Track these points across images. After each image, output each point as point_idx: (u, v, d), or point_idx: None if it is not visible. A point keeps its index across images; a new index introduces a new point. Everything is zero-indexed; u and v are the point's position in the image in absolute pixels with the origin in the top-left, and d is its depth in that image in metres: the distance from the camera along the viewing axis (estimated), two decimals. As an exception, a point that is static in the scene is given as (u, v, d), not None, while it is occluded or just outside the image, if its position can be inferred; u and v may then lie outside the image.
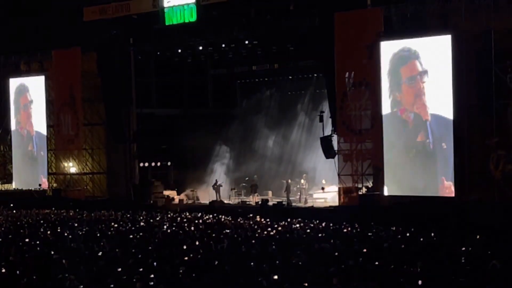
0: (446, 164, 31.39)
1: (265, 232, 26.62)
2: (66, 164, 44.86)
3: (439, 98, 31.58)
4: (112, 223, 30.55)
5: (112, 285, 16.77)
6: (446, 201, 31.06)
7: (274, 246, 22.31)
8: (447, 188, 31.28)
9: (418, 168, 32.52)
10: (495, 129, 30.46)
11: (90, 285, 17.03)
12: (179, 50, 43.42)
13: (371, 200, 33.36)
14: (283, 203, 37.70)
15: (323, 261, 19.09)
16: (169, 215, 34.27)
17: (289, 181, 39.41)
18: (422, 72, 32.17)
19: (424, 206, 30.89)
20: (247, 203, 40.00)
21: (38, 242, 24.24)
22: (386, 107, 33.27)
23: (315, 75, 43.10)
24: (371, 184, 34.28)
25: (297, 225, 29.17)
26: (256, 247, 22.29)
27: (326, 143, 35.38)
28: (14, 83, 47.93)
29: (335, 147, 35.18)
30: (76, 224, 30.57)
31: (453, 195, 31.10)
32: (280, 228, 28.01)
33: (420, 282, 16.24)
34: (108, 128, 43.42)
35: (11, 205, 40.85)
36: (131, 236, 26.11)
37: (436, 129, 31.89)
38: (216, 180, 42.23)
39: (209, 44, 42.25)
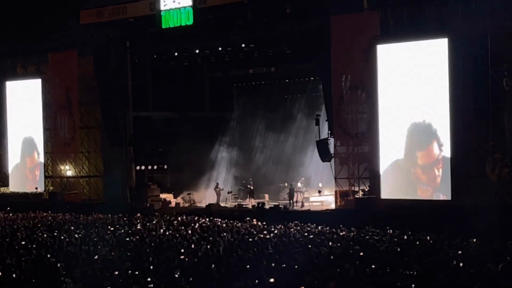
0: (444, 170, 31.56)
1: (262, 236, 26.63)
2: (62, 167, 44.79)
3: (436, 102, 31.66)
4: (109, 226, 30.54)
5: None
6: (442, 204, 31.09)
7: (270, 250, 22.33)
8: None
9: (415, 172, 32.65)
10: (492, 133, 30.50)
11: (87, 288, 17.06)
12: (176, 53, 43.43)
13: (367, 203, 33.38)
14: (280, 206, 37.69)
15: (320, 265, 19.12)
16: (165, 219, 34.24)
17: (292, 184, 39.35)
18: (437, 161, 31.76)
19: (420, 210, 30.91)
20: (244, 206, 39.97)
21: (34, 246, 24.25)
22: (389, 111, 33.20)
23: (312, 78, 43.11)
24: (368, 188, 34.30)
25: (294, 229, 29.16)
26: (253, 250, 22.31)
27: (322, 146, 35.40)
28: (11, 86, 47.82)
29: (332, 150, 35.20)
30: (72, 228, 30.54)
31: (449, 198, 31.19)
32: (276, 232, 28.02)
33: (416, 285, 16.27)
34: (104, 131, 43.34)
35: (8, 208, 40.82)
36: (127, 240, 26.12)
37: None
38: (217, 183, 42.31)
39: (205, 47, 42.25)
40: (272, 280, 16.80)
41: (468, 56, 30.81)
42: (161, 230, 29.00)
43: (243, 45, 40.82)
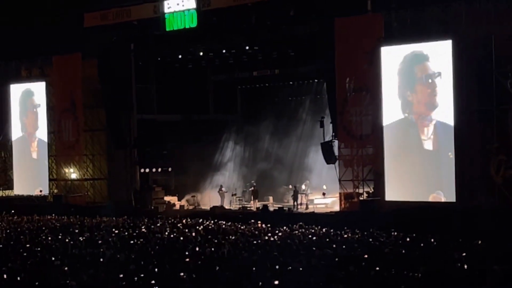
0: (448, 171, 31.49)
1: (266, 238, 26.63)
2: (67, 170, 44.84)
3: (440, 103, 31.66)
4: (113, 229, 30.55)
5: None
6: (447, 206, 31.06)
7: (275, 252, 22.32)
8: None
9: (420, 173, 32.58)
10: (496, 134, 30.48)
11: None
12: (180, 56, 43.44)
13: (371, 205, 33.36)
14: (284, 208, 37.68)
15: (324, 267, 19.11)
16: (170, 221, 34.24)
17: (297, 186, 39.35)
18: (436, 73, 32.01)
19: (425, 211, 30.87)
20: (248, 208, 39.98)
21: (39, 248, 24.26)
22: (392, 113, 33.21)
23: (316, 80, 43.16)
24: (372, 190, 34.29)
25: (298, 231, 29.15)
26: (257, 252, 22.31)
27: (326, 148, 35.40)
28: (15, 88, 47.90)
29: (336, 152, 35.20)
30: (77, 230, 30.57)
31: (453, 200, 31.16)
32: (280, 234, 28.02)
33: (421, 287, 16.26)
34: (108, 134, 43.40)
35: (12, 211, 40.83)
36: (132, 242, 26.13)
37: (440, 135, 31.89)
38: (221, 185, 42.34)
39: (209, 49, 42.31)
40: (276, 282, 16.79)
41: (472, 58, 30.81)
42: (166, 233, 29.01)
43: (247, 48, 40.87)
